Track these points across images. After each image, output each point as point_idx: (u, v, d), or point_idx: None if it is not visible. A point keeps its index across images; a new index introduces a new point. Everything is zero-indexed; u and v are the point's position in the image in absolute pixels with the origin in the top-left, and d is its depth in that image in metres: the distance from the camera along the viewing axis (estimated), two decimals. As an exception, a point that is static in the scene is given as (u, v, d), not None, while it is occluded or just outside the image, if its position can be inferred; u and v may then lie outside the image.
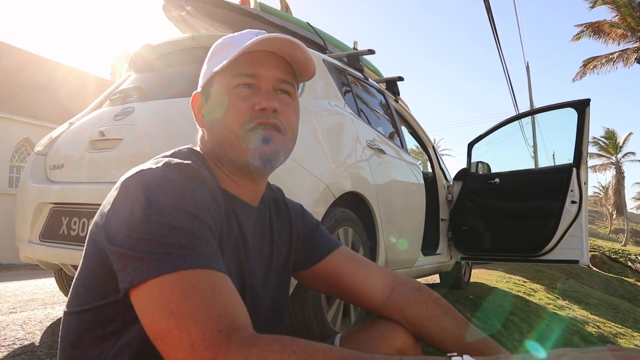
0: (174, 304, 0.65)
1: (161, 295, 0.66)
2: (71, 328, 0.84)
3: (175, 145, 0.96)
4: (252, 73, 0.89)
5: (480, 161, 4.41)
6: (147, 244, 0.70)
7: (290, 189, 2.00)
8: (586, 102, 3.57)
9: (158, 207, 0.72)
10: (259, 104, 0.87)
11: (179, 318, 0.64)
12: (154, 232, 0.70)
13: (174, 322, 0.64)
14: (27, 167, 2.55)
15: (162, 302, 0.66)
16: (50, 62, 19.16)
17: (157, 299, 0.66)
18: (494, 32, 8.76)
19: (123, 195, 0.77)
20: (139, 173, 0.79)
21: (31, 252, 2.29)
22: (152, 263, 0.68)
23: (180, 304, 0.65)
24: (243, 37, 0.93)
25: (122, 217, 0.74)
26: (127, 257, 0.70)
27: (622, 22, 21.95)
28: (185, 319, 0.64)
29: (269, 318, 1.02)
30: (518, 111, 16.40)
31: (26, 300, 3.43)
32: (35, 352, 1.95)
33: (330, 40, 3.56)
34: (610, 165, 39.94)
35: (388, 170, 2.94)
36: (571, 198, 3.55)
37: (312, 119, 2.30)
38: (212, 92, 0.92)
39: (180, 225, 0.72)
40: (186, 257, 0.69)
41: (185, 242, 0.71)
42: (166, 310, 0.65)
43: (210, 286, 0.68)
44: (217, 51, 0.96)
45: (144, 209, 0.72)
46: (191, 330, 0.63)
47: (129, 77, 2.81)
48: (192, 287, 0.67)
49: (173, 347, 0.64)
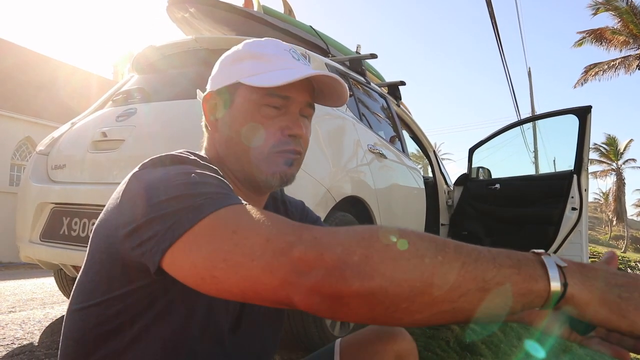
0: (233, 225, 0.61)
1: (215, 227, 0.61)
2: (75, 325, 0.82)
3: (178, 146, 0.96)
4: (286, 96, 0.88)
5: (481, 166, 4.42)
6: (182, 199, 0.65)
7: (291, 192, 2.00)
8: (587, 109, 3.57)
9: (179, 174, 0.70)
10: (290, 129, 0.88)
11: (244, 230, 0.60)
12: (183, 189, 0.66)
13: (240, 236, 0.59)
14: (28, 166, 2.56)
15: (218, 231, 0.61)
16: (53, 60, 19.19)
17: (210, 232, 0.61)
18: (496, 38, 8.78)
19: (135, 181, 0.74)
20: (146, 162, 0.78)
21: (31, 251, 2.29)
22: (193, 210, 0.63)
23: (240, 221, 0.61)
24: (274, 51, 0.92)
25: (141, 196, 0.70)
26: (158, 219, 0.65)
27: (624, 29, 22.00)
28: (252, 226, 0.60)
29: (268, 316, 1.02)
30: (519, 116, 16.42)
31: (25, 300, 3.43)
32: (34, 352, 1.95)
33: (332, 44, 3.57)
34: (611, 171, 39.94)
35: (389, 175, 2.94)
36: (571, 205, 3.55)
37: (314, 123, 2.28)
38: (236, 100, 0.89)
39: (205, 180, 0.69)
40: (226, 197, 0.66)
41: (218, 189, 0.68)
42: (227, 232, 0.60)
43: (255, 211, 0.64)
44: (243, 57, 0.92)
45: (166, 177, 0.70)
46: (261, 230, 0.59)
47: (131, 78, 2.82)
48: (244, 209, 0.64)
49: (245, 252, 0.58)
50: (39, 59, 18.24)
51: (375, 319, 0.55)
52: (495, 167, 4.51)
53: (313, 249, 0.55)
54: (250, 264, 0.57)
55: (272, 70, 0.87)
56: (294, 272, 0.55)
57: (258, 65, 0.89)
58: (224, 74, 0.93)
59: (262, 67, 0.89)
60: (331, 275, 0.53)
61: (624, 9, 21.38)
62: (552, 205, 3.64)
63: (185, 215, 0.62)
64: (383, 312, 0.53)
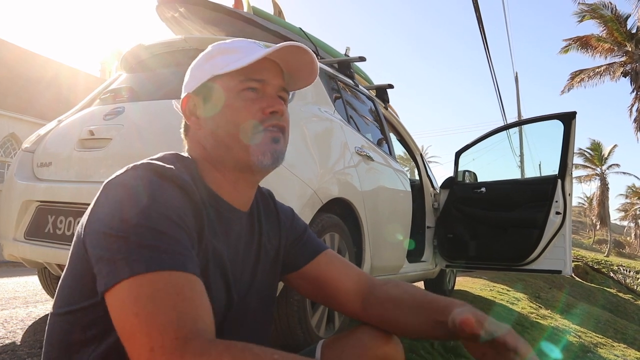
0: (139, 306, 0.67)
1: (129, 296, 0.68)
2: (55, 330, 0.84)
3: (165, 146, 0.97)
4: (261, 79, 0.94)
5: (467, 170, 4.46)
6: (122, 245, 0.72)
7: (278, 193, 1.99)
8: (572, 114, 3.63)
9: (135, 209, 0.74)
10: (270, 107, 0.93)
11: (142, 321, 0.67)
12: (129, 233, 0.72)
13: (137, 324, 0.67)
14: (14, 163, 2.53)
15: (129, 303, 0.68)
16: (39, 57, 18.98)
17: (126, 299, 0.69)
18: (484, 43, 8.86)
19: (102, 198, 0.80)
20: (119, 176, 0.81)
21: (15, 250, 2.27)
22: (125, 264, 0.70)
23: (146, 306, 0.67)
24: (242, 44, 0.98)
25: (100, 219, 0.76)
26: (104, 259, 0.72)
27: (609, 37, 22.32)
28: (148, 322, 0.66)
29: (255, 321, 1.02)
30: (506, 121, 16.57)
31: (8, 298, 3.39)
32: (16, 352, 1.93)
33: (321, 46, 3.58)
34: (595, 176, 40.41)
35: (375, 177, 2.96)
36: (556, 209, 3.60)
37: (302, 125, 2.31)
38: (215, 93, 0.94)
39: (155, 226, 0.74)
40: (158, 258, 0.71)
41: (158, 243, 0.72)
42: (132, 311, 0.67)
43: (176, 290, 0.69)
44: (213, 55, 0.98)
45: (121, 210, 0.75)
46: (152, 333, 0.66)
47: (119, 77, 2.80)
48: (158, 289, 0.69)
49: (136, 349, 0.67)
50: (25, 55, 18.02)
51: None
52: (482, 171, 4.56)
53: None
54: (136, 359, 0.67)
55: (243, 58, 0.93)
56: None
57: (228, 58, 0.95)
58: (197, 75, 0.98)
59: (232, 58, 0.94)
60: None
61: (609, 17, 21.69)
62: (536, 209, 3.68)
63: (120, 266, 0.70)
64: None
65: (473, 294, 5.60)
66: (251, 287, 1.00)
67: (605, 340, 5.51)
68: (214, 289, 0.86)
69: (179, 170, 0.85)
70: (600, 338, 5.57)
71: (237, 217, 0.97)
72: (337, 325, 2.39)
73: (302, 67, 1.00)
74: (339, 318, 2.42)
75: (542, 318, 5.41)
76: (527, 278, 8.70)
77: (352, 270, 1.11)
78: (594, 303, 10.34)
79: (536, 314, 5.49)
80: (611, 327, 7.07)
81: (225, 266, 0.91)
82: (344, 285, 1.07)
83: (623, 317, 9.74)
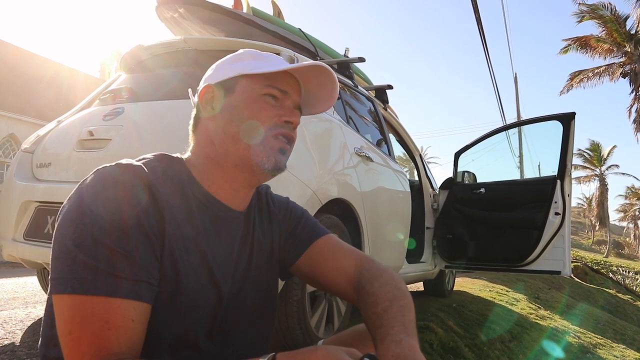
0: (74, 325, 0.75)
1: (67, 311, 0.76)
2: (50, 311, 0.86)
3: (165, 147, 0.98)
4: (284, 90, 0.98)
5: (467, 171, 4.46)
6: (66, 259, 0.77)
7: (278, 193, 2.00)
8: (571, 115, 3.63)
9: (86, 218, 0.78)
10: (287, 116, 0.97)
11: (73, 340, 0.75)
12: (78, 247, 0.76)
13: (69, 341, 0.75)
14: (13, 164, 2.53)
15: (66, 318, 0.76)
16: (38, 57, 18.97)
17: (65, 312, 0.76)
18: (483, 44, 8.87)
19: (67, 201, 0.84)
20: (83, 181, 0.84)
21: (14, 250, 2.27)
22: (66, 280, 0.76)
23: (78, 326, 0.75)
24: (273, 56, 1.03)
25: (58, 225, 0.81)
26: (52, 267, 0.79)
27: (609, 37, 22.34)
28: (76, 342, 0.75)
29: (254, 317, 1.02)
30: (505, 121, 16.58)
31: (7, 299, 3.39)
32: (15, 352, 1.93)
33: (321, 47, 3.58)
34: (594, 177, 40.42)
35: (375, 178, 2.96)
36: (555, 209, 3.60)
37: (301, 125, 2.29)
38: (237, 90, 0.96)
39: (104, 241, 0.77)
40: (97, 281, 0.75)
41: (100, 264, 0.76)
42: (67, 327, 0.75)
43: (105, 318, 0.75)
44: (243, 57, 1.01)
45: (73, 220, 0.79)
46: (76, 356, 0.74)
47: (119, 77, 2.80)
48: (90, 314, 0.75)
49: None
50: (24, 56, 18.02)
51: None
52: (481, 172, 4.56)
53: None
54: None
55: (273, 66, 0.97)
56: None
57: (259, 63, 0.99)
58: (223, 70, 1.00)
59: (262, 64, 0.99)
60: None
61: (608, 17, 21.71)
62: (535, 210, 3.69)
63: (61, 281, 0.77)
64: None
65: (472, 294, 5.60)
66: (245, 282, 1.00)
67: (604, 341, 5.52)
68: (193, 282, 0.87)
69: (149, 167, 0.87)
70: (600, 339, 5.57)
71: (232, 217, 0.99)
72: (336, 325, 2.39)
73: (321, 91, 1.05)
74: (339, 318, 2.43)
75: (542, 319, 5.41)
76: (527, 279, 8.71)
77: (343, 261, 1.06)
78: (593, 304, 10.35)
79: (535, 315, 5.49)
80: (610, 327, 7.08)
81: (209, 263, 0.91)
82: (336, 279, 1.05)
83: (622, 317, 9.75)
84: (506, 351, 3.72)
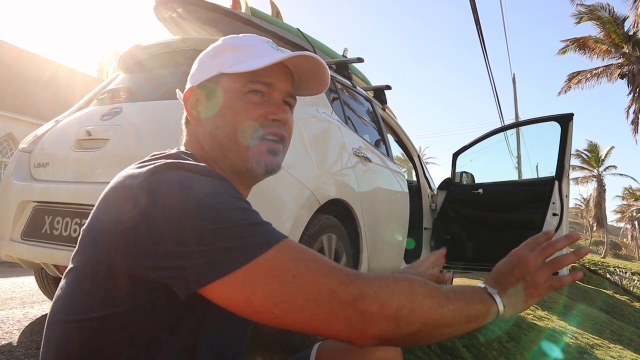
0: (293, 269, 0.67)
1: (272, 268, 0.67)
2: (71, 337, 0.76)
3: (163, 147, 0.95)
4: (268, 82, 0.90)
5: (465, 171, 4.47)
6: (228, 231, 0.68)
7: (276, 194, 2.01)
8: (569, 116, 3.64)
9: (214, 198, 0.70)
10: (274, 114, 0.89)
11: (305, 276, 0.67)
12: (229, 219, 0.69)
13: (302, 281, 0.67)
14: (10, 164, 2.53)
15: (277, 273, 0.67)
16: (37, 57, 18.94)
17: (267, 272, 0.66)
18: (481, 45, 8.87)
19: (157, 201, 0.71)
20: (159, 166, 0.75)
21: (12, 250, 2.26)
22: (245, 246, 0.67)
23: (298, 266, 0.68)
24: (254, 42, 0.94)
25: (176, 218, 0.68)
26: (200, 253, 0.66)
27: (607, 39, 22.40)
28: (313, 273, 0.68)
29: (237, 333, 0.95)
30: (503, 122, 16.58)
31: (4, 299, 3.38)
32: (12, 352, 1.93)
33: (319, 47, 3.58)
34: (592, 178, 40.52)
35: (373, 178, 2.96)
36: (552, 210, 3.61)
37: (300, 126, 2.31)
38: (219, 91, 0.90)
39: (244, 206, 0.73)
40: (267, 231, 0.71)
41: (260, 219, 0.72)
42: (287, 276, 0.67)
43: (304, 250, 0.71)
44: (222, 50, 0.93)
45: (202, 204, 0.69)
46: (322, 279, 0.67)
47: (117, 77, 2.80)
48: (296, 251, 0.70)
49: (310, 298, 0.66)
50: (23, 55, 17.99)
51: (405, 345, 0.76)
52: (479, 172, 4.57)
53: (375, 304, 0.68)
54: (316, 310, 0.67)
55: (252, 58, 0.89)
56: (359, 322, 0.67)
57: (238, 55, 0.91)
58: (204, 68, 0.94)
59: (242, 56, 0.90)
60: (389, 324, 0.68)
61: (607, 18, 21.77)
62: (533, 211, 3.69)
63: (235, 253, 0.67)
64: (414, 343, 0.74)
65: (470, 295, 5.59)
66: None
67: (601, 342, 5.53)
68: None
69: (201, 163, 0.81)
70: (597, 339, 5.58)
71: None
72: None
73: (314, 74, 0.96)
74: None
75: (539, 319, 5.42)
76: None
77: None
78: (591, 304, 10.36)
79: (533, 315, 5.50)
80: (608, 328, 7.10)
81: None
82: None
83: (619, 318, 9.77)
84: (504, 352, 3.72)
